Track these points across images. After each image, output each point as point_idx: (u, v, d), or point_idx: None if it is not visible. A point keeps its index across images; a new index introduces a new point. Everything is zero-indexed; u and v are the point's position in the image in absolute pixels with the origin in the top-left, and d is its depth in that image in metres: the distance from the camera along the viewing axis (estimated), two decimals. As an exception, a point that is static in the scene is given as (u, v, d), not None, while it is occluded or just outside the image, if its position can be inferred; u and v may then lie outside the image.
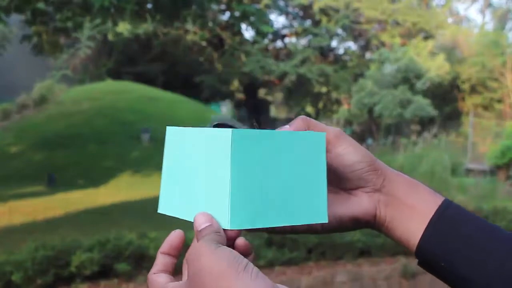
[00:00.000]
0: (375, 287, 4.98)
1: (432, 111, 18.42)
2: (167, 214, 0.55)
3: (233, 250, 0.44)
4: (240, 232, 0.49)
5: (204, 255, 0.43)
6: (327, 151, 0.55)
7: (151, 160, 10.79)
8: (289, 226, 0.51)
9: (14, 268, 3.97)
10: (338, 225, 0.57)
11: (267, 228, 0.51)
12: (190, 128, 0.53)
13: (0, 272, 3.96)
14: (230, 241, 0.49)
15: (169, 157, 0.55)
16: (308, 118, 0.56)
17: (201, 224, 0.47)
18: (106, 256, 4.26)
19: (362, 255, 5.22)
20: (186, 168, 0.52)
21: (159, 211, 0.56)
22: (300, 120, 0.56)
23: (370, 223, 0.58)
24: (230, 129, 0.47)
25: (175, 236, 0.50)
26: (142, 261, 4.42)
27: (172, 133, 0.55)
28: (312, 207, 0.52)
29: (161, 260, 0.50)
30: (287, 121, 0.56)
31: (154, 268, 0.50)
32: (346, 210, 0.57)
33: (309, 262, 4.97)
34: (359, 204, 0.56)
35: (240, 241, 0.49)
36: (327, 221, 0.53)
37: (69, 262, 4.12)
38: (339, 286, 4.81)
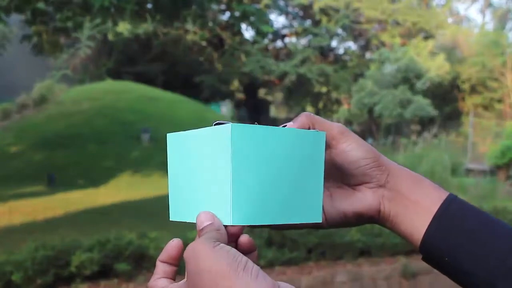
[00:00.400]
0: (375, 287, 4.98)
1: (432, 111, 18.42)
2: (178, 220, 0.55)
3: (232, 249, 0.43)
4: (243, 229, 0.49)
5: (202, 254, 0.43)
6: (332, 147, 0.56)
7: (151, 160, 10.79)
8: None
9: (14, 268, 3.97)
10: (342, 221, 0.58)
11: (271, 225, 0.52)
12: (190, 131, 0.53)
13: (0, 272, 3.96)
14: (233, 238, 0.49)
15: (173, 163, 0.56)
16: (312, 114, 0.56)
17: (202, 222, 0.47)
18: (106, 256, 4.26)
19: (362, 255, 5.22)
20: (190, 171, 0.53)
21: (171, 219, 0.56)
22: (304, 116, 0.56)
23: (374, 218, 0.58)
24: (229, 124, 0.47)
25: (172, 246, 0.50)
26: (142, 261, 4.42)
27: (173, 139, 0.56)
28: (308, 206, 0.52)
29: (161, 268, 0.50)
30: (287, 121, 0.56)
31: (154, 276, 0.50)
32: (350, 205, 0.57)
33: (309, 262, 4.97)
34: (363, 199, 0.57)
35: (244, 238, 0.49)
36: (320, 221, 0.53)
37: (69, 262, 4.12)
38: (339, 286, 4.81)
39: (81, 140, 11.83)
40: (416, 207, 0.55)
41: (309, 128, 0.55)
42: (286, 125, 0.55)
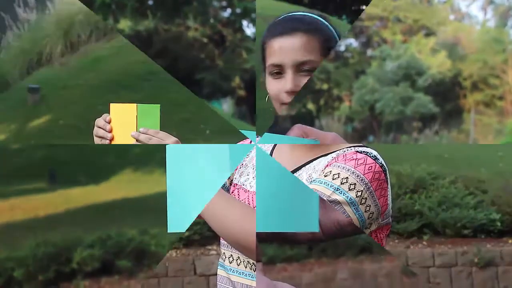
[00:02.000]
0: (376, 284, 4.98)
1: (433, 108, 18.39)
2: (181, 231, 0.55)
3: None
4: (262, 254, 0.50)
5: None
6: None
7: (152, 157, 10.79)
8: (293, 235, 0.52)
9: (15, 265, 3.98)
10: (337, 229, 0.58)
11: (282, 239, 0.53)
12: (197, 145, 0.55)
13: (1, 269, 3.97)
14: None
15: (173, 177, 0.56)
16: (303, 125, 0.58)
17: None
18: (107, 253, 4.27)
19: (363, 252, 5.22)
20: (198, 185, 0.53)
21: (170, 230, 0.56)
22: (296, 128, 0.58)
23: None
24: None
25: None
26: (144, 258, 4.42)
27: (174, 151, 0.57)
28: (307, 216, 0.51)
29: None
30: (287, 118, 0.57)
31: None
32: (343, 213, 0.56)
33: (310, 259, 4.96)
34: None
35: None
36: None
37: (70, 258, 4.13)
38: (340, 283, 4.80)
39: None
40: None
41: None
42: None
